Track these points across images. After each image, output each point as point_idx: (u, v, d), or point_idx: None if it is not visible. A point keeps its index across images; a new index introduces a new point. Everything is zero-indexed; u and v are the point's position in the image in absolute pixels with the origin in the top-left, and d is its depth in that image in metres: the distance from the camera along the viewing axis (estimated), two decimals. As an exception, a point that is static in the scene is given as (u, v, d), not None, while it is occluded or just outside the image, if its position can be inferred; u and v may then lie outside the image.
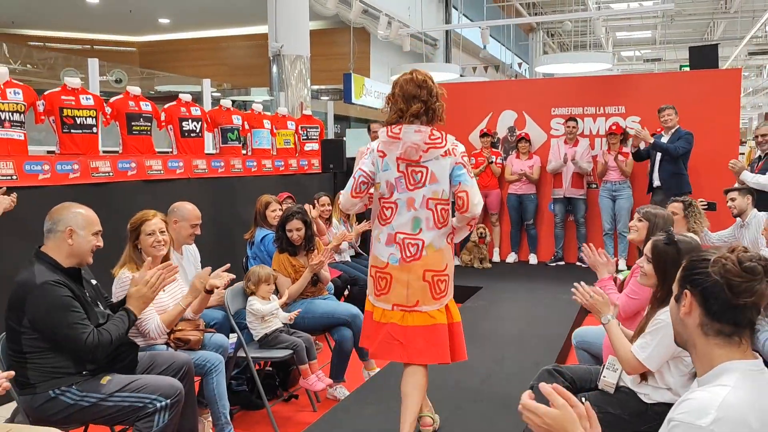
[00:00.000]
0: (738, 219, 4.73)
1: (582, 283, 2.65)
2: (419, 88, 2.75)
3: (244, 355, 3.48)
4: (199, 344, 3.18)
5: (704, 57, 7.53)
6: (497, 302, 5.72)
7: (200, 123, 6.05)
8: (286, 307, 4.00)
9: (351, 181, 2.80)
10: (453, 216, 2.84)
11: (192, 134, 5.98)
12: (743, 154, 9.38)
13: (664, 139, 6.38)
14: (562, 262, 7.52)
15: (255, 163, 6.62)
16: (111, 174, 4.83)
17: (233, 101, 7.19)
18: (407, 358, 2.70)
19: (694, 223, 4.14)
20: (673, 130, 6.33)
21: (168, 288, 3.08)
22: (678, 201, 4.40)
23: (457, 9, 15.88)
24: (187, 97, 6.01)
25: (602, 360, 3.27)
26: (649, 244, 2.65)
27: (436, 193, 2.73)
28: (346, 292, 5.60)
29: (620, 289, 3.43)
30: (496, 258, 7.80)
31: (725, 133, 6.87)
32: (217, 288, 3.19)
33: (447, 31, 15.89)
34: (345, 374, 3.98)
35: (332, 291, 4.83)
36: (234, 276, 3.28)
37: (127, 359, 2.65)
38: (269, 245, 4.53)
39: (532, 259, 7.67)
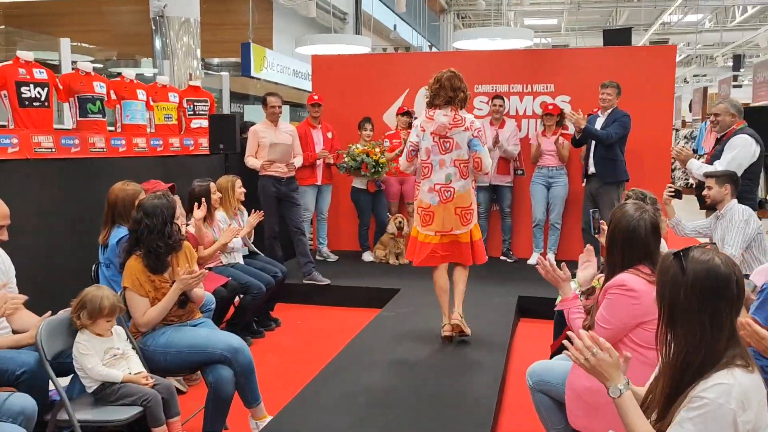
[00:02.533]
0: (716, 210, 4.10)
1: (582, 333, 1.77)
2: (460, 81, 3.87)
3: (68, 417, 2.39)
4: (-15, 414, 2.08)
5: (618, 40, 7.17)
6: (418, 310, 4.84)
7: (46, 89, 4.76)
8: (140, 337, 2.93)
9: (405, 150, 4.04)
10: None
11: (35, 103, 4.68)
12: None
13: (600, 120, 5.72)
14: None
15: (123, 142, 5.38)
16: None
17: (119, 74, 5.89)
18: (441, 261, 4.02)
19: None
20: (609, 111, 5.69)
21: None
22: (627, 194, 3.69)
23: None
24: (28, 56, 4.70)
25: (565, 406, 2.48)
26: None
27: (460, 156, 3.88)
28: (236, 301, 4.55)
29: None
30: (413, 252, 6.95)
31: (660, 115, 6.34)
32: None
33: (357, 10, 14.87)
34: (225, 423, 2.97)
35: (212, 306, 3.79)
36: (25, 297, 2.17)
37: None
38: (129, 248, 3.41)
39: (453, 254, 6.88)
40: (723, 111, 4.64)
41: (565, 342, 1.79)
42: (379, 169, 6.36)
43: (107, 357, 2.52)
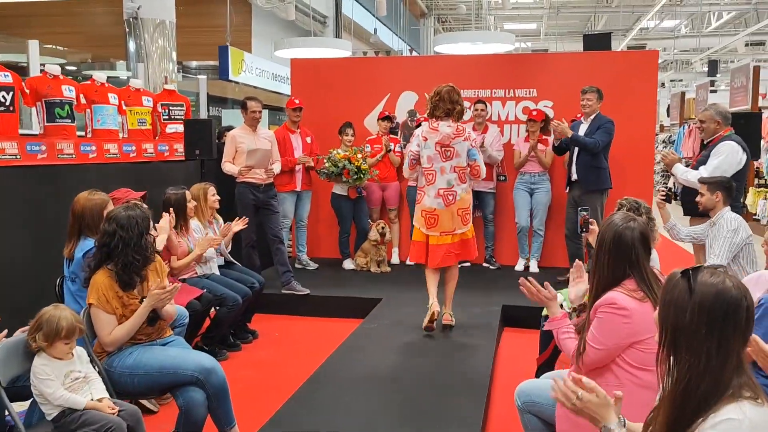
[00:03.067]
0: (701, 216, 4.04)
1: (565, 378, 1.67)
2: (458, 95, 4.32)
3: (25, 449, 2.22)
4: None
5: (598, 45, 7.15)
6: (400, 321, 4.72)
7: (11, 93, 4.55)
8: (105, 358, 2.76)
9: (407, 159, 4.44)
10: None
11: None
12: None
13: (584, 126, 5.64)
14: (468, 263, 6.64)
15: (94, 148, 5.18)
16: None
17: (90, 76, 5.71)
18: (456, 260, 4.39)
19: None
20: (592, 117, 5.61)
21: None
22: (620, 203, 3.59)
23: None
24: (-8, 58, 4.49)
25: (555, 428, 2.37)
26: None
27: (459, 163, 4.25)
28: (212, 312, 4.38)
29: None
30: (395, 260, 6.82)
31: (642, 120, 6.28)
32: None
33: (337, 14, 14.75)
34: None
35: (185, 321, 3.61)
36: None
37: None
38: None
39: (435, 261, 6.76)
40: (708, 118, 4.58)
41: (551, 382, 1.68)
42: (361, 176, 6.23)
43: (68, 381, 2.34)
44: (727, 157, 4.38)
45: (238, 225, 4.72)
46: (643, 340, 2.19)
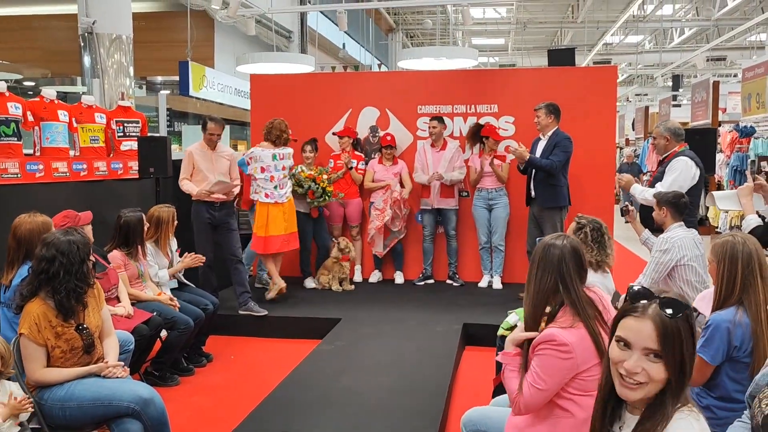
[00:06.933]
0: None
1: None
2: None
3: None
4: None
5: (562, 59, 7.23)
6: (358, 342, 4.62)
7: (-49, 111, 4.38)
8: (36, 390, 2.62)
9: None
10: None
11: (-62, 126, 4.30)
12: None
13: (542, 143, 5.65)
14: (431, 280, 6.61)
15: (41, 167, 5.00)
16: None
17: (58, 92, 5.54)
18: (288, 247, 5.78)
19: (591, 254, 3.21)
20: (550, 134, 5.61)
21: None
22: (579, 221, 3.55)
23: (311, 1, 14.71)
24: (-70, 75, 4.32)
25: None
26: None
27: (286, 174, 5.80)
28: (163, 334, 4.21)
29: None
30: (357, 277, 6.72)
31: (602, 135, 6.32)
32: None
33: (302, 27, 14.69)
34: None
35: (130, 347, 3.47)
36: None
37: None
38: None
39: (398, 278, 6.69)
40: (658, 135, 4.65)
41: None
42: (326, 197, 6.16)
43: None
44: (681, 173, 4.41)
45: (195, 261, 4.64)
46: (587, 369, 2.11)
